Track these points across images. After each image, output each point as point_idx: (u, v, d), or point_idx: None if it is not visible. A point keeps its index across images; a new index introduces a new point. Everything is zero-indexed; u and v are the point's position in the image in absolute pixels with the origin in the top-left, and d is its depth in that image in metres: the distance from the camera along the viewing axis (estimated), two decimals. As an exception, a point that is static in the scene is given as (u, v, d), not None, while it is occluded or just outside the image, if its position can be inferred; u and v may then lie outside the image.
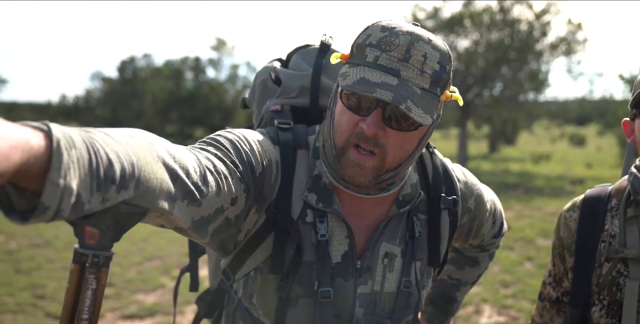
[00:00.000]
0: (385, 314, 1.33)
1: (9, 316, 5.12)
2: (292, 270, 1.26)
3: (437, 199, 1.38)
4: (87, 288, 0.85)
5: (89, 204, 0.75)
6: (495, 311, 5.38)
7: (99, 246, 0.85)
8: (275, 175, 1.24)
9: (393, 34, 1.16)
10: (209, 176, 1.01)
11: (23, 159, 0.64)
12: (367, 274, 1.31)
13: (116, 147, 0.79)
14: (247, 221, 1.23)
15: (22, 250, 7.48)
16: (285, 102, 1.42)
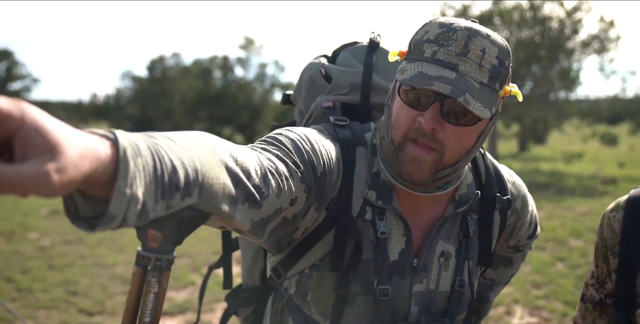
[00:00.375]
0: (439, 313, 1.34)
1: (43, 311, 5.20)
2: (352, 268, 1.26)
3: (490, 199, 1.38)
4: (150, 291, 0.86)
5: (154, 212, 0.75)
6: (526, 312, 5.32)
7: (161, 250, 0.86)
8: (337, 173, 1.23)
9: (451, 29, 1.17)
10: (270, 177, 1.00)
11: (91, 168, 0.64)
12: (422, 273, 1.32)
13: (180, 153, 0.79)
14: (306, 220, 1.22)
15: (55, 247, 7.61)
16: (336, 99, 1.42)
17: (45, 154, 0.59)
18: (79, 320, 5.00)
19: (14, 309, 4.18)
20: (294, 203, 1.11)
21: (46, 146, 0.59)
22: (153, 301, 0.85)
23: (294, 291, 1.34)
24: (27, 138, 0.59)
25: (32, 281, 6.06)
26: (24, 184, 0.58)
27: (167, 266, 0.86)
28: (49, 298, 5.55)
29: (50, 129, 0.60)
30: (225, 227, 1.01)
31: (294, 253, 1.30)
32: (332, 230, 1.25)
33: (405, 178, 1.24)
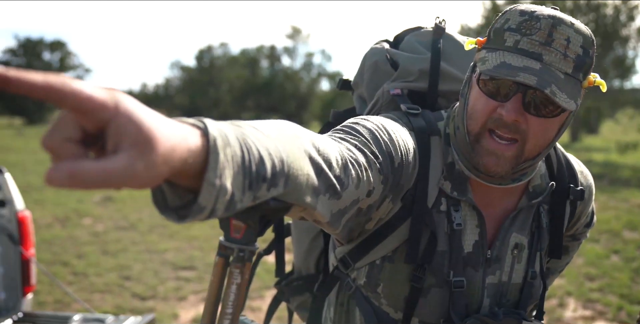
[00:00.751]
0: (510, 305, 1.32)
1: (98, 295, 5.33)
2: (426, 260, 1.24)
3: (563, 190, 1.35)
4: (232, 282, 0.84)
5: (241, 203, 0.73)
6: (580, 305, 5.21)
7: (244, 240, 0.84)
8: (413, 164, 1.20)
9: (533, 17, 1.13)
10: (350, 167, 0.98)
11: (181, 160, 0.63)
12: (496, 265, 1.30)
13: (266, 143, 0.77)
14: (380, 211, 1.20)
15: (108, 233, 7.78)
16: (404, 86, 1.39)
17: (137, 145, 0.57)
18: (132, 304, 5.11)
19: (70, 292, 4.29)
20: (371, 194, 1.09)
21: (139, 137, 0.57)
22: (235, 292, 0.84)
23: (363, 282, 1.32)
24: (120, 129, 0.57)
25: (87, 265, 6.22)
26: (112, 179, 0.56)
27: (249, 257, 0.85)
28: (103, 282, 5.68)
29: (144, 120, 0.58)
30: (304, 218, 0.99)
31: (365, 244, 1.28)
32: (407, 221, 1.24)
33: (481, 171, 1.21)
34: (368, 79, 1.46)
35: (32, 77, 0.53)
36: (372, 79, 1.45)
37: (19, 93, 0.53)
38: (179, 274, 5.98)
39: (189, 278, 5.83)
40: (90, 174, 0.55)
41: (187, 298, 5.27)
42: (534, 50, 1.11)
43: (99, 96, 0.56)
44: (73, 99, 0.55)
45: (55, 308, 4.96)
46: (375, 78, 1.44)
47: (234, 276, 0.84)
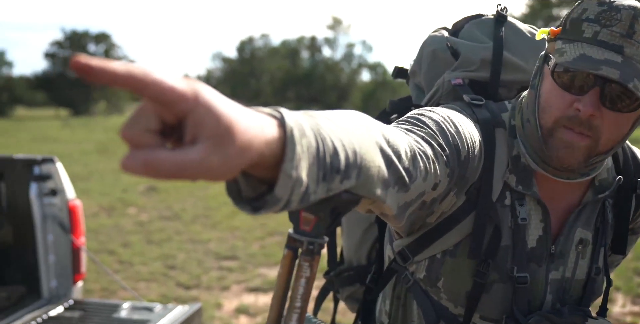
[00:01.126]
0: (573, 302, 1.30)
1: (143, 283, 5.43)
2: (490, 255, 1.22)
3: (630, 183, 1.31)
4: (301, 275, 0.82)
5: (314, 195, 0.72)
6: (629, 300, 5.10)
7: (314, 233, 0.82)
8: (479, 156, 1.18)
9: (613, 8, 1.10)
10: (418, 160, 0.95)
11: (259, 151, 0.62)
12: (559, 260, 1.27)
13: (340, 133, 0.75)
14: (443, 204, 1.18)
15: (152, 222, 7.92)
16: (465, 75, 1.36)
17: (214, 138, 0.57)
18: (176, 293, 5.19)
19: (119, 280, 4.38)
20: (437, 187, 1.06)
21: (217, 129, 0.57)
22: (304, 286, 0.82)
23: (423, 276, 1.30)
24: (199, 120, 0.57)
25: (132, 254, 6.33)
26: (187, 171, 0.56)
27: (318, 250, 0.82)
28: (148, 271, 5.78)
29: (223, 112, 0.58)
30: (371, 211, 0.98)
31: (426, 237, 1.26)
32: (470, 215, 1.22)
33: (552, 164, 1.18)
34: (426, 67, 1.43)
35: (114, 67, 0.53)
36: (430, 68, 1.42)
37: (100, 82, 0.53)
38: (221, 264, 6.05)
39: (231, 268, 5.89)
40: (165, 164, 0.55)
41: (230, 288, 5.33)
42: (615, 43, 1.08)
43: (180, 86, 0.56)
44: (154, 89, 0.55)
45: (102, 295, 5.06)
46: (434, 67, 1.41)
47: (303, 269, 0.82)
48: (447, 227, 1.23)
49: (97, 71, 0.52)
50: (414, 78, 1.49)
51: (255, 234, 7.20)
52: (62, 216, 3.24)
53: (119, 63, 0.53)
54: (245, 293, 5.20)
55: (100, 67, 0.52)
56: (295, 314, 0.82)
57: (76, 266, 3.32)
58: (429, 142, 1.03)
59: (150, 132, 0.57)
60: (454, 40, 1.41)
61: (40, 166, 3.23)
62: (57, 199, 3.24)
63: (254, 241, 6.91)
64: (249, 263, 6.06)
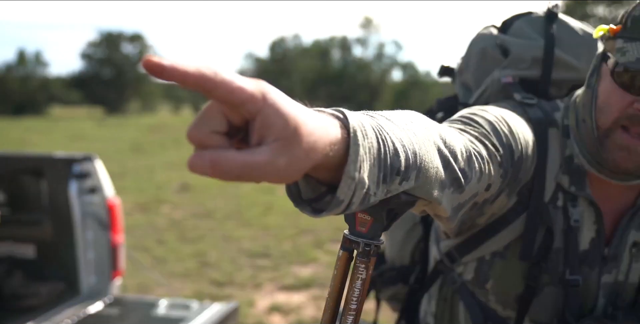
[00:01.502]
0: (626, 306, 1.26)
1: (177, 280, 5.49)
2: (541, 257, 1.20)
3: None
4: (357, 277, 0.81)
5: (374, 197, 0.71)
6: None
7: (369, 234, 0.81)
8: (532, 157, 1.16)
9: None
10: (474, 160, 0.94)
11: (323, 152, 0.61)
12: (612, 263, 1.24)
13: (400, 134, 0.74)
14: (495, 205, 1.16)
15: (186, 219, 7.99)
16: (516, 73, 1.33)
17: (282, 140, 0.56)
18: (210, 290, 5.23)
19: (154, 276, 4.44)
20: (489, 188, 1.04)
21: (285, 131, 0.56)
22: (360, 288, 0.81)
23: (471, 277, 1.29)
24: (267, 122, 0.56)
25: (167, 251, 6.41)
26: (254, 172, 0.55)
27: (375, 251, 0.82)
28: (182, 268, 5.84)
29: (290, 113, 0.57)
30: (425, 212, 0.95)
31: (475, 238, 1.25)
32: (521, 217, 1.20)
33: (607, 166, 1.16)
34: (475, 65, 1.40)
35: (185, 66, 0.53)
36: (479, 66, 1.39)
37: (173, 80, 0.53)
38: (254, 262, 6.09)
39: (264, 266, 5.93)
40: (233, 164, 0.54)
41: (263, 286, 5.36)
42: None
43: (249, 87, 0.56)
44: (224, 90, 0.54)
45: (137, 291, 5.13)
46: (483, 65, 1.39)
47: (359, 270, 0.81)
48: (497, 228, 1.21)
49: (169, 70, 0.52)
50: (460, 76, 1.46)
51: (287, 232, 7.23)
52: (101, 214, 3.30)
53: (190, 63, 0.54)
54: (277, 291, 5.23)
55: (171, 67, 0.52)
56: (350, 316, 0.81)
57: (114, 263, 3.38)
58: (483, 143, 1.01)
59: (217, 134, 0.57)
60: (504, 38, 1.38)
61: (80, 164, 3.29)
62: (96, 197, 3.30)
63: (285, 239, 6.94)
64: (281, 261, 6.08)
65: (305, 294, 5.15)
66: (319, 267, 5.89)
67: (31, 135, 21.85)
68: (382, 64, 40.14)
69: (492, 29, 1.43)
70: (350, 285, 0.82)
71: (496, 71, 1.34)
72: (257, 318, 4.65)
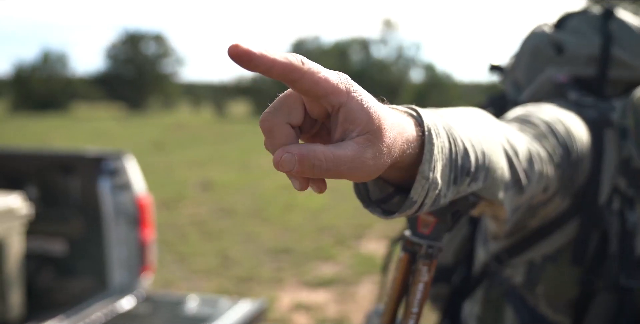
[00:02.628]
0: None
1: (200, 277, 5.53)
2: (596, 262, 1.17)
3: None
4: (420, 280, 0.79)
5: (445, 198, 0.68)
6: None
7: (432, 236, 0.79)
8: (587, 158, 1.13)
9: None
10: (534, 162, 0.91)
11: (402, 149, 0.58)
12: None
13: (468, 133, 0.71)
14: (548, 207, 1.14)
15: (208, 216, 8.04)
16: (570, 72, 1.30)
17: (367, 133, 0.54)
18: (232, 287, 5.27)
19: (178, 273, 4.48)
20: (547, 190, 1.02)
21: (369, 125, 0.54)
22: (422, 291, 0.79)
23: (520, 281, 1.26)
24: (352, 114, 0.54)
25: (189, 248, 6.45)
26: (342, 167, 0.53)
27: (437, 253, 0.79)
28: (205, 264, 5.89)
29: (373, 107, 0.55)
30: (485, 213, 0.94)
31: (525, 240, 1.22)
32: (574, 219, 1.17)
33: None
34: (527, 63, 1.37)
35: (274, 54, 0.50)
36: (531, 64, 1.36)
37: (257, 70, 0.50)
38: (276, 259, 6.12)
39: (286, 263, 5.95)
40: (322, 158, 0.52)
41: (285, 283, 5.39)
42: None
43: (334, 79, 0.53)
44: (310, 80, 0.52)
45: (162, 287, 5.18)
46: (536, 63, 1.35)
47: (422, 273, 0.79)
48: (549, 230, 1.19)
49: (258, 58, 0.50)
50: (511, 74, 1.43)
51: (308, 229, 7.25)
52: (131, 210, 3.34)
53: (277, 51, 0.51)
54: (299, 288, 5.25)
55: (261, 55, 0.50)
56: (412, 319, 0.79)
57: (144, 259, 3.42)
58: (541, 143, 0.98)
59: (290, 126, 0.55)
60: (558, 36, 1.35)
61: (111, 161, 3.34)
62: (126, 194, 3.34)
63: (307, 236, 6.95)
64: (302, 258, 6.10)
65: (328, 292, 5.16)
66: (341, 264, 5.91)
67: (54, 132, 22.07)
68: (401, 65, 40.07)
69: (546, 27, 1.40)
70: (412, 288, 0.80)
71: (549, 69, 1.31)
72: (281, 314, 4.68)
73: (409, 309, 0.79)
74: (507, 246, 1.26)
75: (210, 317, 3.02)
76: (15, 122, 27.91)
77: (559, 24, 1.39)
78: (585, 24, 1.35)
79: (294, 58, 0.51)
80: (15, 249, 3.02)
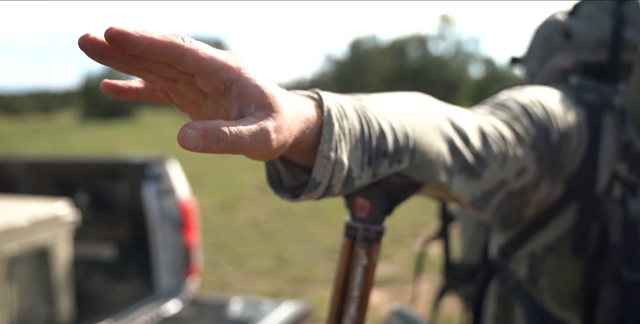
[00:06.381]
0: None
1: (257, 277, 5.56)
2: (598, 253, 1.12)
3: None
4: (357, 264, 0.80)
5: (359, 180, 0.69)
6: None
7: (369, 219, 0.80)
8: (578, 141, 1.09)
9: None
10: (492, 145, 0.89)
11: (301, 130, 0.60)
12: None
13: (389, 116, 0.72)
14: (538, 193, 1.10)
15: (265, 217, 8.11)
16: (577, 57, 1.26)
17: (265, 108, 0.55)
18: (289, 287, 5.27)
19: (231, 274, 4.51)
20: (523, 174, 1.00)
21: (264, 100, 0.55)
22: (362, 275, 0.79)
23: (524, 274, 1.22)
24: (245, 90, 0.55)
25: (246, 248, 6.51)
26: (247, 141, 0.53)
27: (376, 237, 0.80)
28: (261, 265, 5.92)
29: (267, 83, 0.56)
30: (444, 198, 0.92)
31: (525, 231, 1.18)
32: (571, 206, 1.13)
33: None
34: (538, 53, 1.34)
35: (152, 33, 0.50)
36: (542, 53, 1.33)
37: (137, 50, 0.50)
38: (332, 258, 6.09)
39: (342, 264, 5.91)
40: (226, 132, 0.51)
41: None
42: None
43: (221, 56, 0.54)
44: (195, 56, 0.52)
45: (219, 288, 5.23)
46: (546, 51, 1.32)
47: (359, 257, 0.80)
48: (546, 219, 1.14)
49: (134, 37, 0.49)
50: (527, 65, 1.40)
51: (365, 230, 7.20)
52: (176, 214, 3.38)
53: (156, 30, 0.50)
54: (355, 289, 5.21)
55: (136, 32, 0.49)
56: (353, 304, 0.80)
57: (189, 262, 3.45)
58: (509, 125, 0.96)
59: None
60: (567, 22, 1.31)
61: (155, 166, 3.39)
62: (170, 198, 3.38)
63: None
64: (358, 258, 6.06)
65: (384, 292, 5.10)
66: (397, 263, 5.84)
67: (121, 139, 22.76)
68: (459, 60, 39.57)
69: (559, 14, 1.36)
70: (351, 272, 0.80)
71: (556, 56, 1.28)
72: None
73: (349, 293, 0.80)
74: (510, 238, 1.22)
75: (252, 319, 3.03)
76: (85, 131, 28.95)
77: (574, 11, 1.35)
78: (599, 9, 1.30)
79: (174, 36, 0.51)
80: (63, 255, 3.09)
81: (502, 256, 1.26)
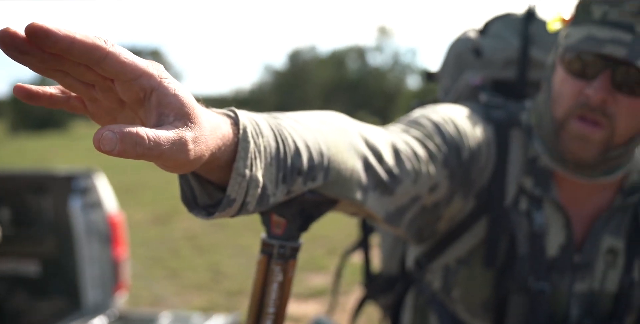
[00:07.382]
0: (604, 317, 1.19)
1: (194, 292, 5.49)
2: (506, 264, 1.15)
3: None
4: (273, 280, 0.81)
5: (274, 197, 0.69)
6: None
7: (285, 236, 0.81)
8: (487, 157, 1.12)
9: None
10: (405, 162, 0.91)
11: (217, 145, 0.59)
12: (585, 271, 1.17)
13: (305, 134, 0.72)
14: (451, 208, 1.13)
15: (200, 230, 8.02)
16: (487, 75, 1.30)
17: (183, 118, 0.54)
18: (223, 301, 5.23)
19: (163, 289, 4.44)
20: (435, 190, 1.02)
21: (184, 110, 0.54)
22: (277, 291, 0.81)
23: (438, 286, 1.24)
24: (165, 99, 0.54)
25: (181, 263, 6.42)
26: (163, 148, 0.51)
27: (291, 254, 0.81)
28: (196, 279, 5.85)
29: (185, 94, 0.55)
30: (358, 214, 0.93)
31: (438, 245, 1.21)
32: (482, 220, 1.16)
33: (568, 159, 1.10)
34: (451, 70, 1.38)
35: (74, 33, 0.48)
36: (455, 71, 1.37)
37: (57, 48, 0.48)
38: (267, 272, 6.07)
39: (277, 276, 5.90)
40: (144, 137, 0.50)
41: (276, 296, 5.34)
42: (625, 21, 0.99)
43: (143, 63, 0.53)
44: (116, 60, 0.51)
45: (152, 303, 5.14)
46: (458, 68, 1.36)
47: (274, 274, 0.81)
48: (458, 233, 1.18)
49: (55, 34, 0.47)
50: (441, 82, 1.44)
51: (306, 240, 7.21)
52: (103, 228, 3.31)
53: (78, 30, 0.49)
54: (290, 300, 5.20)
55: (58, 30, 0.47)
56: (269, 320, 0.81)
57: (117, 277, 3.39)
58: (422, 143, 0.98)
59: None
60: (478, 40, 1.35)
61: (81, 179, 3.32)
62: (98, 212, 3.32)
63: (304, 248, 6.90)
64: (298, 270, 6.05)
65: (319, 303, 5.13)
66: (333, 274, 5.86)
67: (54, 151, 22.11)
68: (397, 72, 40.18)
69: (471, 32, 1.40)
70: (267, 289, 0.81)
71: (467, 73, 1.32)
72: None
73: (265, 310, 0.81)
74: (425, 251, 1.25)
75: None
76: (15, 143, 28.00)
77: (484, 30, 1.40)
78: (507, 28, 1.35)
79: (97, 37, 0.49)
80: (-17, 273, 2.98)
81: (418, 267, 1.29)
